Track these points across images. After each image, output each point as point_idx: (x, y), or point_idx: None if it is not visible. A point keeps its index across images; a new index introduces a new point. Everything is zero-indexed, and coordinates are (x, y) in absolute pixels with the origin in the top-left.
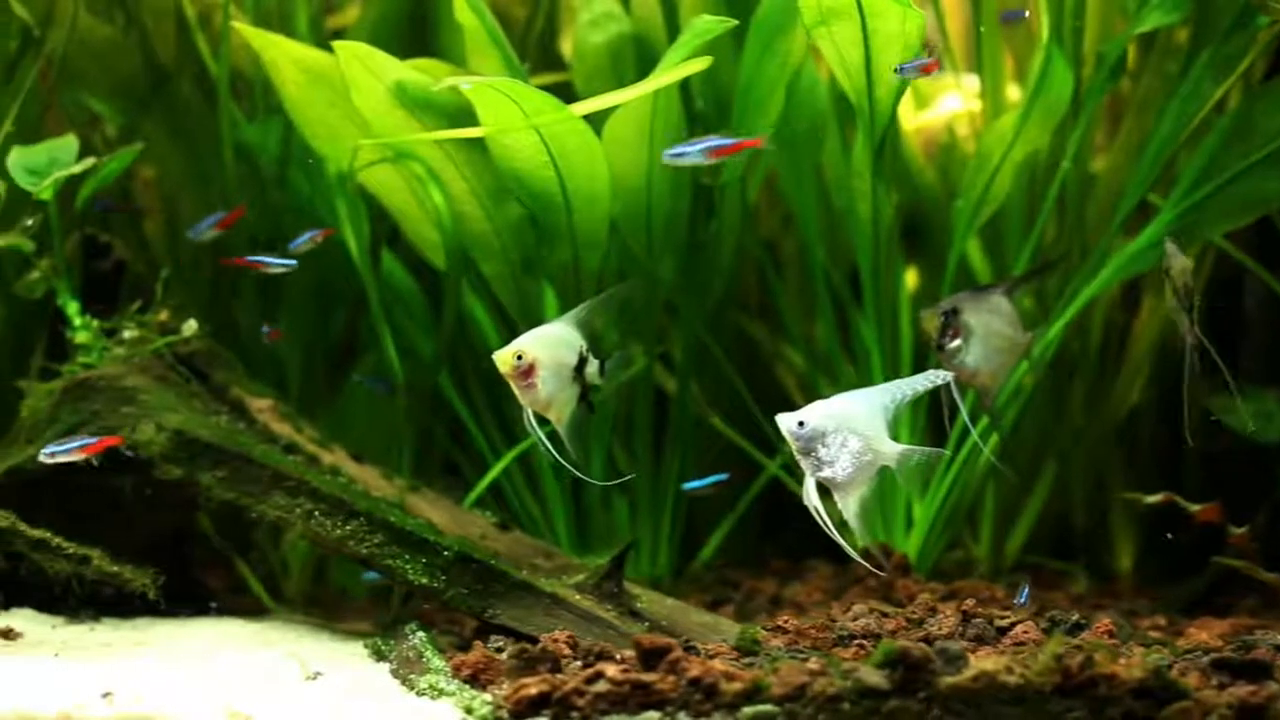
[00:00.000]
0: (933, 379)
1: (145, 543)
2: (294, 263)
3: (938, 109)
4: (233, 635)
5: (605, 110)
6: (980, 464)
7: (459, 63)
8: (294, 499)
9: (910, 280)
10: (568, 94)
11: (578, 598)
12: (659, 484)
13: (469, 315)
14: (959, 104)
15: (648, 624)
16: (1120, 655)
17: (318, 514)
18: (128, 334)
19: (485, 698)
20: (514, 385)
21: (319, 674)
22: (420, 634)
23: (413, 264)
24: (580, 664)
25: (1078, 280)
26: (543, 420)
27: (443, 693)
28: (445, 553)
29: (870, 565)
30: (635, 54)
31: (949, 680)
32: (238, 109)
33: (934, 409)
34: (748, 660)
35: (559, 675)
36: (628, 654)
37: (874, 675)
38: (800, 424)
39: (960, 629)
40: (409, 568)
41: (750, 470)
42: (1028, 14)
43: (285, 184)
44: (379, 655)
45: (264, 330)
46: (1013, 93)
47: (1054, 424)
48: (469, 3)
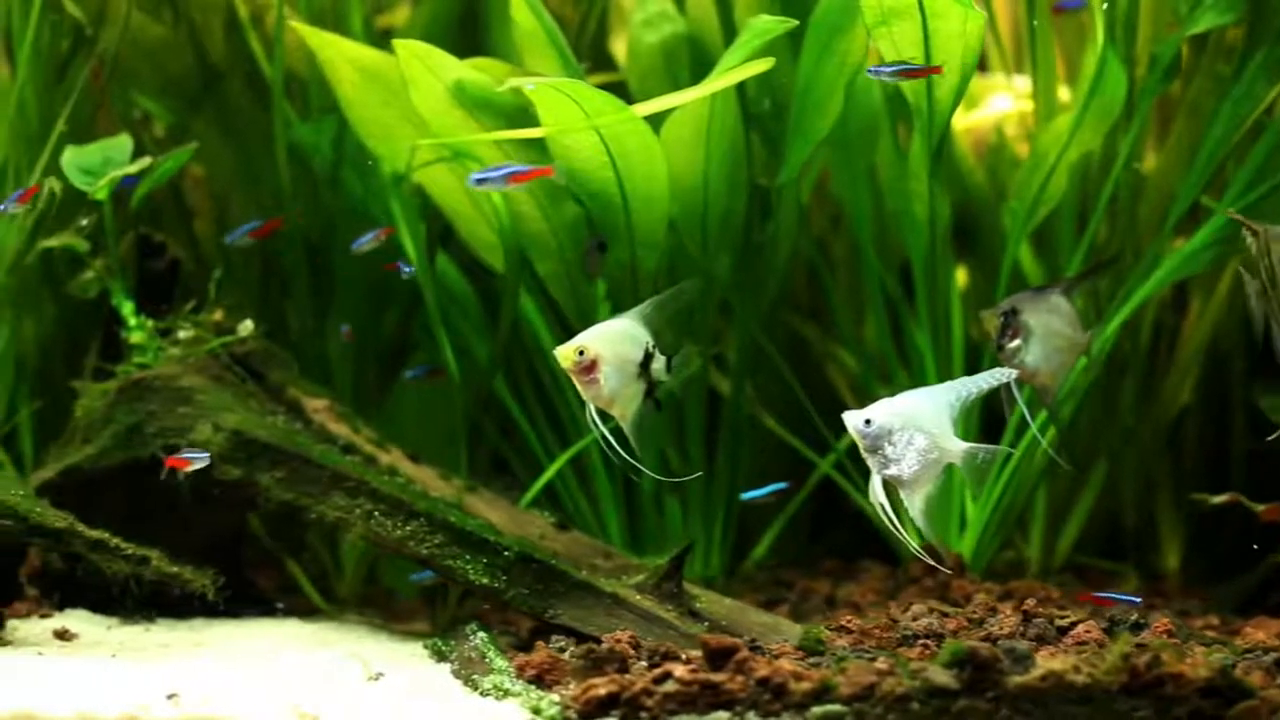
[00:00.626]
0: (997, 377)
1: (201, 543)
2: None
3: (986, 109)
4: (291, 636)
5: (660, 110)
6: (1035, 464)
7: (513, 63)
8: (354, 499)
9: (959, 280)
10: (619, 94)
11: (638, 598)
12: (712, 484)
13: (521, 315)
14: (1008, 104)
15: (707, 624)
16: (1185, 655)
17: (378, 514)
18: (183, 334)
19: (553, 698)
20: (576, 381)
21: (381, 674)
22: (481, 634)
23: (464, 264)
24: (645, 664)
25: (1131, 281)
26: (605, 416)
27: (508, 693)
28: (506, 553)
29: (935, 563)
30: (689, 54)
31: (1017, 680)
32: (290, 108)
33: (985, 409)
34: (813, 660)
35: (626, 675)
36: (694, 654)
37: (942, 675)
38: (867, 422)
39: (1021, 629)
40: (470, 568)
41: (800, 470)
42: (1084, 1)
43: (338, 184)
44: (439, 656)
45: (342, 329)
46: (1061, 94)
47: (1105, 423)
48: (527, 2)
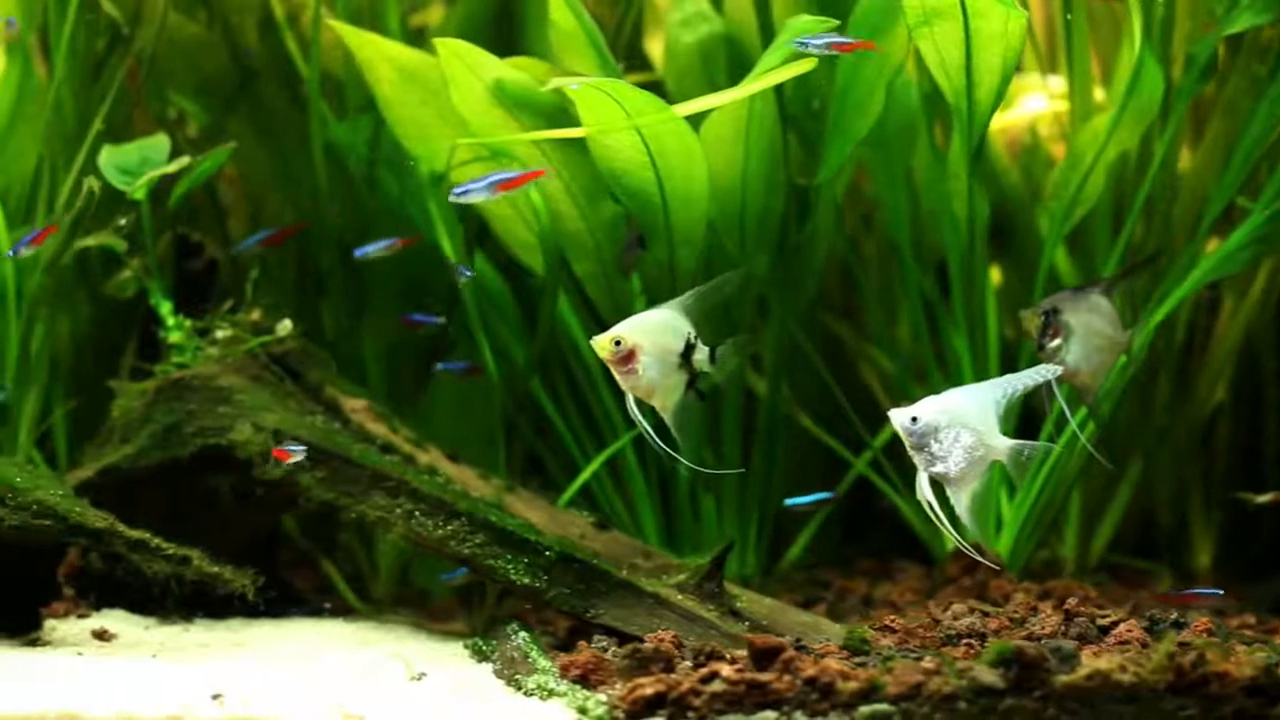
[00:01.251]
0: (1041, 374)
1: (238, 544)
2: None
3: (1020, 109)
4: (331, 636)
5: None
6: (1071, 464)
7: (550, 62)
8: (394, 499)
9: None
10: (655, 93)
11: (680, 598)
12: (747, 484)
13: (557, 314)
14: (1043, 105)
15: (748, 624)
16: (1229, 654)
17: (418, 514)
18: (220, 334)
19: (599, 698)
20: (614, 371)
21: (423, 674)
22: (523, 634)
23: (498, 263)
24: (690, 664)
25: (1168, 281)
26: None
27: (553, 693)
28: (547, 553)
29: (985, 561)
30: (727, 54)
31: (1064, 679)
32: (326, 108)
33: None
34: (858, 660)
35: (672, 675)
36: (738, 654)
37: (989, 674)
38: (914, 419)
39: (1063, 628)
40: (511, 568)
41: (834, 469)
42: None
43: (374, 184)
44: (480, 655)
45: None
46: (1095, 94)
47: (1141, 422)
48: (567, 2)
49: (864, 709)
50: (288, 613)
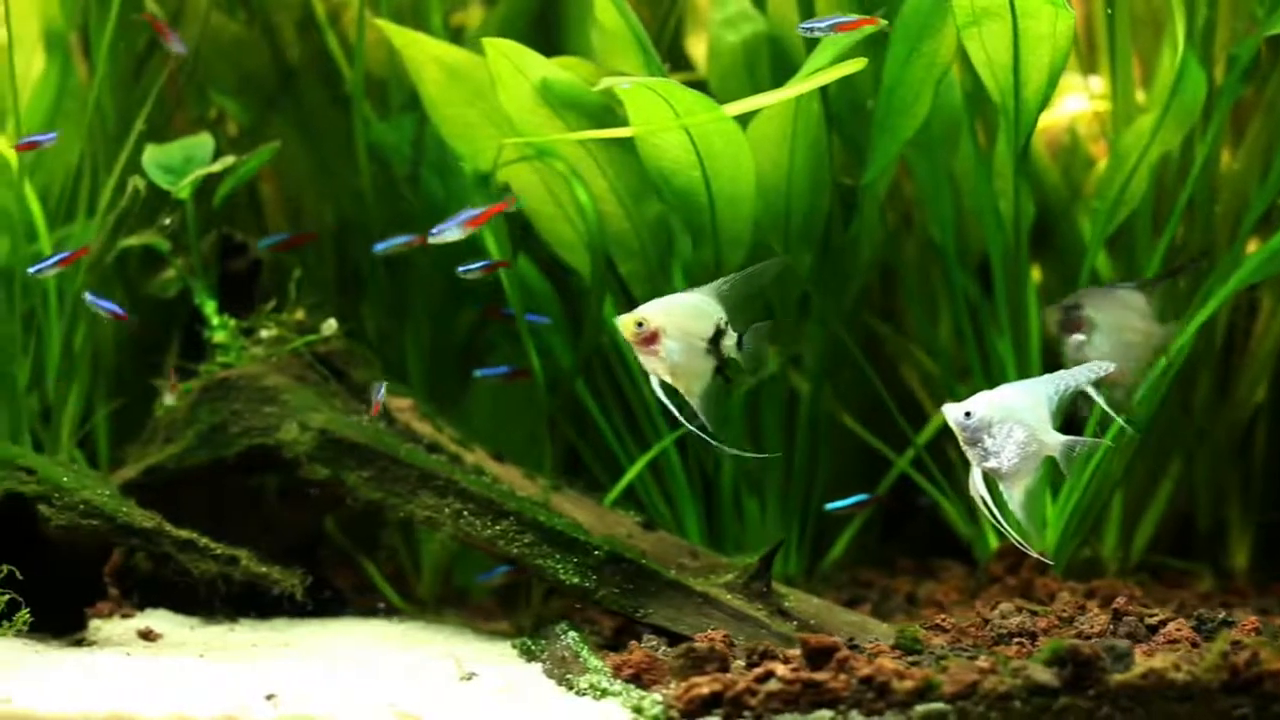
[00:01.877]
0: (1095, 371)
1: (282, 544)
2: None
3: (1060, 109)
4: (378, 635)
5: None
6: (1115, 464)
7: (594, 62)
8: (442, 499)
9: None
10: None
11: (729, 597)
12: (790, 484)
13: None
14: (1082, 105)
15: (796, 623)
16: None
17: (467, 514)
18: (265, 333)
19: (655, 697)
20: (638, 353)
21: (474, 674)
22: (572, 634)
23: (540, 263)
24: (744, 664)
25: (1210, 281)
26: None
27: (606, 692)
28: (596, 552)
29: (1039, 557)
30: (770, 54)
31: (1119, 677)
32: (369, 108)
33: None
34: (911, 659)
35: (728, 675)
36: (791, 653)
37: (1044, 673)
38: (967, 414)
39: (1112, 627)
40: (560, 568)
41: (875, 468)
42: None
43: (417, 184)
44: (529, 655)
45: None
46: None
47: (1181, 423)
48: (613, 2)
49: (919, 708)
50: (333, 612)
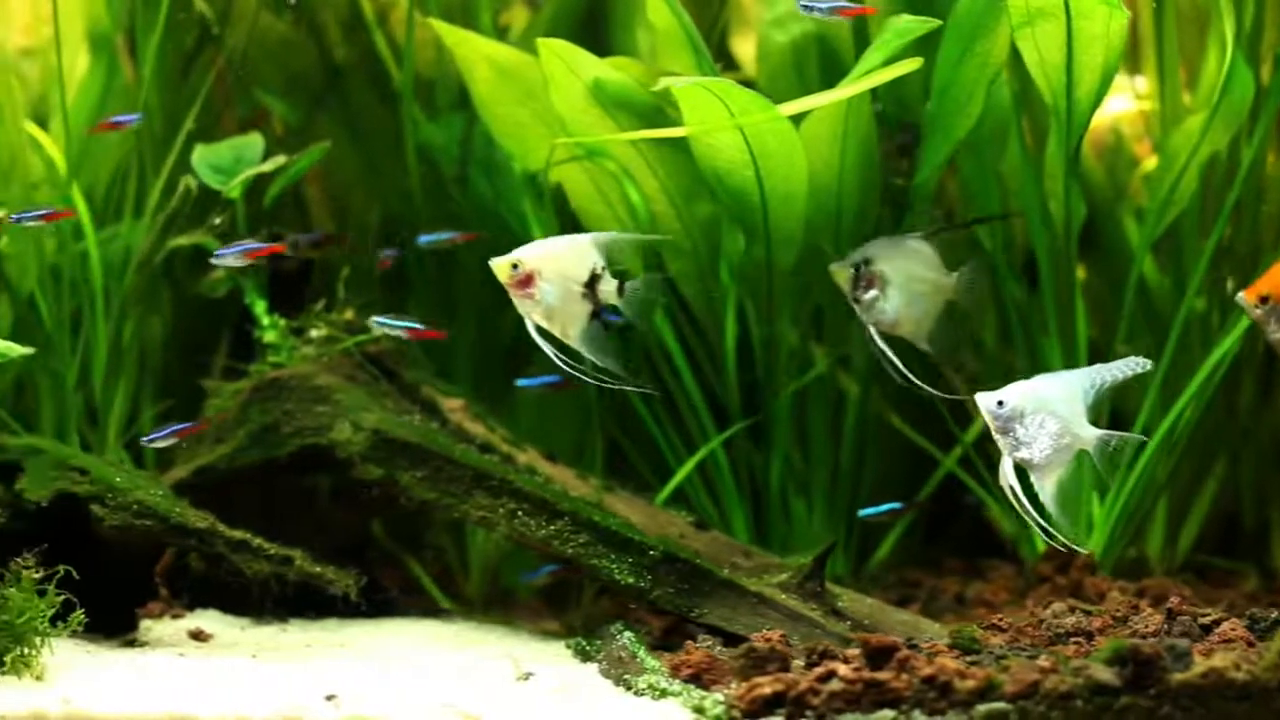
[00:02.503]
0: (1133, 366)
1: (332, 545)
2: None
3: (1104, 109)
4: (430, 636)
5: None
6: (1162, 465)
7: (644, 62)
8: (497, 499)
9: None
10: None
11: (783, 597)
12: (836, 484)
13: None
14: (1126, 105)
15: (849, 623)
16: None
17: (521, 514)
18: (315, 333)
19: (716, 697)
20: (512, 295)
21: (530, 674)
22: (628, 634)
23: None
24: (803, 663)
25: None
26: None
27: (665, 692)
28: (651, 552)
29: (1068, 547)
30: (818, 53)
31: (1179, 677)
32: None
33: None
34: (970, 659)
35: (789, 674)
36: (851, 653)
37: (1105, 672)
38: (1000, 403)
39: (1166, 626)
40: (615, 568)
41: (921, 468)
42: None
43: (465, 184)
44: (584, 655)
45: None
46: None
47: (1226, 424)
48: (666, 2)
49: (981, 707)
50: (384, 613)
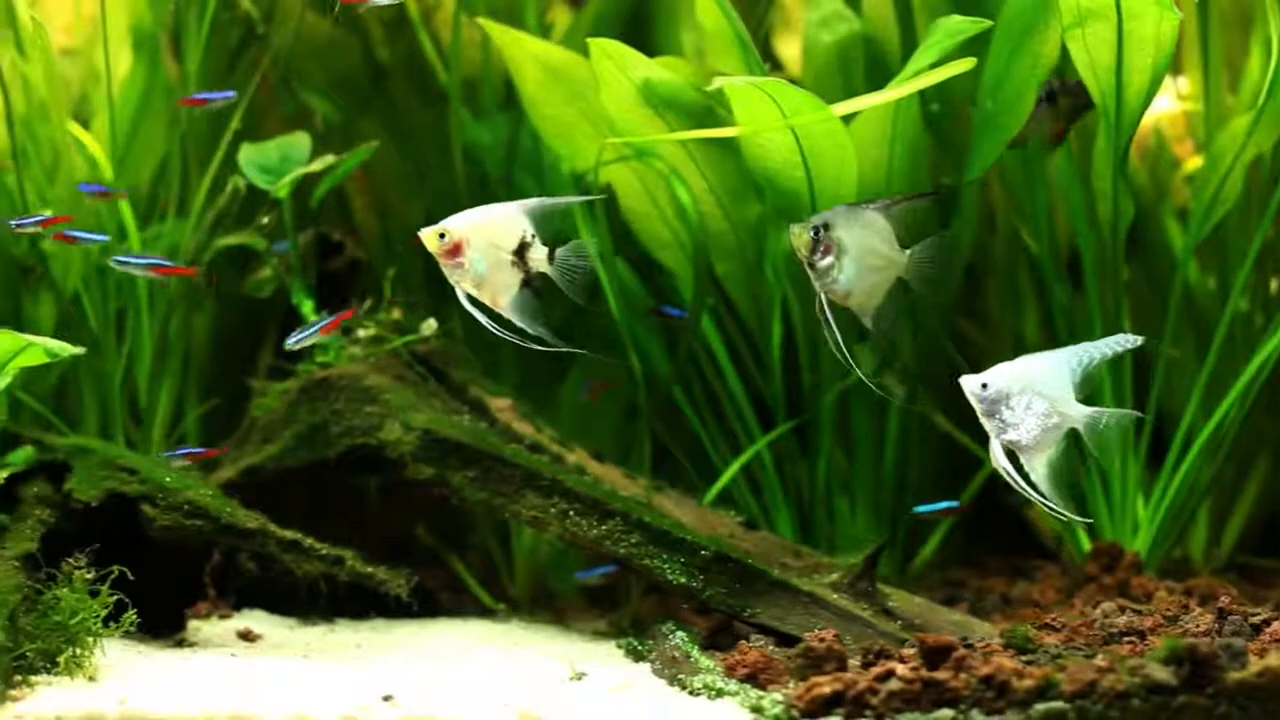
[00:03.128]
0: (1121, 343)
1: (378, 545)
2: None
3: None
4: (480, 636)
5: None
6: (1205, 469)
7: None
8: (548, 499)
9: None
10: None
11: (835, 597)
12: (879, 483)
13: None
14: (1168, 105)
15: (900, 622)
16: None
17: (573, 514)
18: (362, 333)
19: (775, 697)
20: (442, 265)
21: (584, 674)
22: (680, 634)
23: (631, 262)
24: (858, 663)
25: None
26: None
27: (722, 692)
28: (703, 552)
29: (1073, 516)
30: (865, 53)
31: (1236, 676)
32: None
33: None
34: (1025, 658)
35: (847, 674)
36: (907, 652)
37: (1161, 671)
38: (984, 386)
39: (1217, 626)
40: (667, 568)
41: (963, 467)
42: None
43: (511, 184)
44: (636, 655)
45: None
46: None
47: (1268, 421)
48: (716, 2)
49: (1039, 707)
50: (430, 613)
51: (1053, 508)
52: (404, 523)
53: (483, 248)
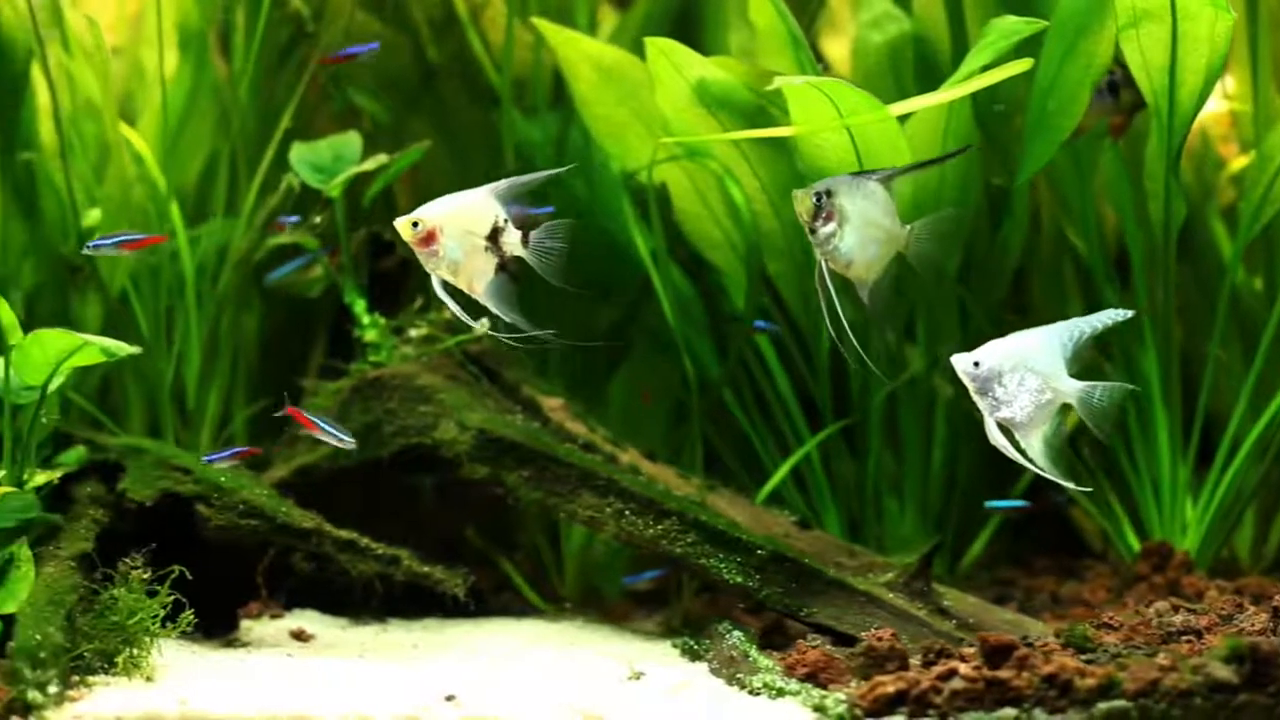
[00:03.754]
0: (1113, 316)
1: (430, 545)
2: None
3: None
4: (534, 635)
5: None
6: (1252, 469)
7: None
8: (603, 499)
9: None
10: None
11: (891, 596)
12: (927, 482)
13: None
14: (1214, 105)
15: (955, 622)
16: None
17: (628, 514)
18: (414, 332)
19: (838, 696)
20: (418, 254)
21: (642, 673)
22: (737, 633)
23: (680, 261)
24: (919, 662)
25: None
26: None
27: (782, 691)
28: (759, 552)
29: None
30: (915, 54)
31: None
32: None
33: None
34: (1085, 657)
35: (910, 673)
36: (968, 651)
37: (1223, 670)
38: (976, 364)
39: (1272, 624)
40: (723, 567)
41: (1011, 466)
42: None
43: (560, 183)
44: (692, 654)
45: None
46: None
47: None
48: (771, 1)
49: (1102, 705)
50: (482, 613)
51: (1061, 480)
52: (456, 522)
53: (456, 235)
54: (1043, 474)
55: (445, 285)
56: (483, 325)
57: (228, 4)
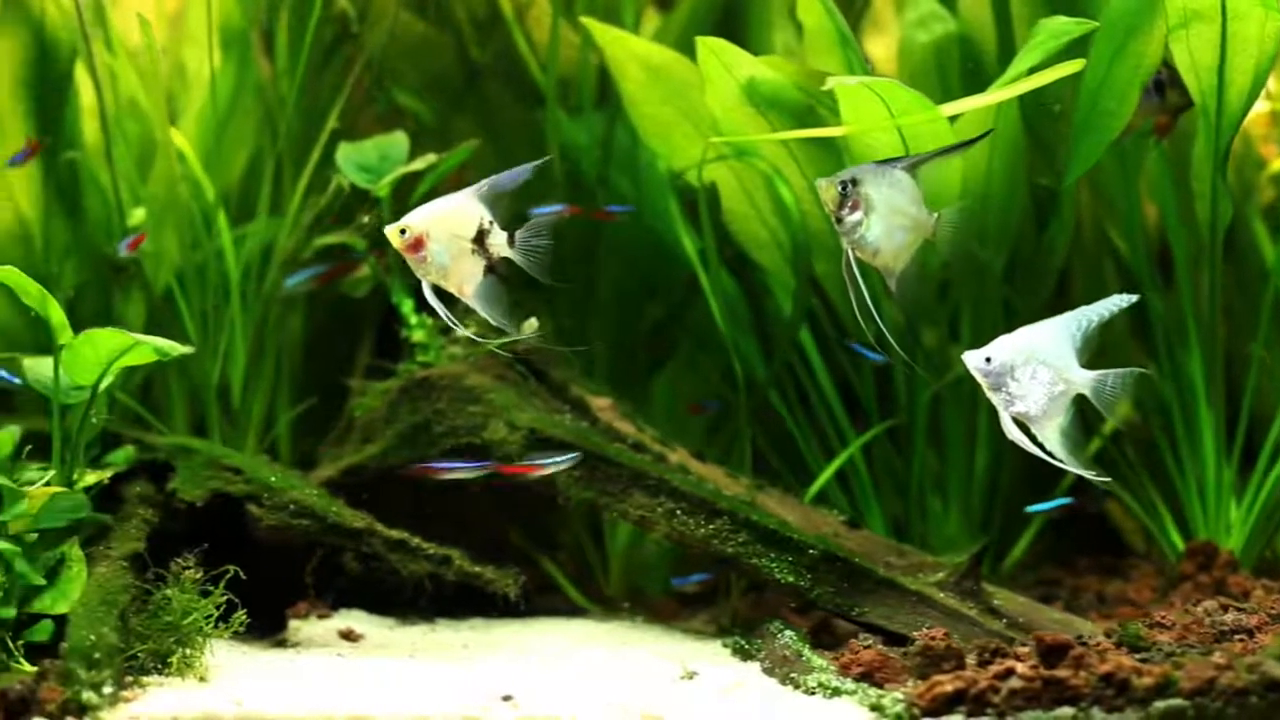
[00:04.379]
0: (1118, 303)
1: (477, 545)
2: None
3: None
4: (584, 635)
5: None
6: None
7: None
8: (654, 498)
9: None
10: None
11: (941, 595)
12: (971, 482)
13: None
14: (1256, 105)
15: (1005, 621)
16: None
17: (680, 513)
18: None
19: (896, 695)
20: (407, 260)
21: (695, 672)
22: (789, 633)
23: (725, 261)
24: (974, 661)
25: None
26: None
27: (838, 691)
28: (811, 551)
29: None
30: (960, 54)
31: None
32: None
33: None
34: (1139, 656)
35: (967, 673)
36: (1023, 650)
37: (1278, 668)
38: (988, 360)
39: None
40: (775, 566)
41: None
42: None
43: (605, 183)
44: (744, 654)
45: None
46: None
47: None
48: (820, 1)
49: (1159, 704)
50: (529, 612)
51: (1083, 472)
52: (503, 522)
53: (444, 239)
54: (1061, 465)
55: (435, 290)
56: (530, 325)
57: (272, 3)
